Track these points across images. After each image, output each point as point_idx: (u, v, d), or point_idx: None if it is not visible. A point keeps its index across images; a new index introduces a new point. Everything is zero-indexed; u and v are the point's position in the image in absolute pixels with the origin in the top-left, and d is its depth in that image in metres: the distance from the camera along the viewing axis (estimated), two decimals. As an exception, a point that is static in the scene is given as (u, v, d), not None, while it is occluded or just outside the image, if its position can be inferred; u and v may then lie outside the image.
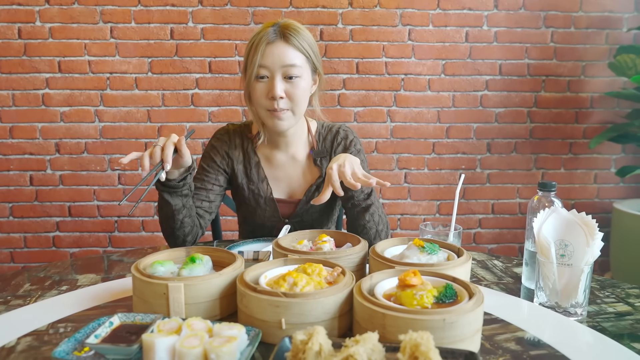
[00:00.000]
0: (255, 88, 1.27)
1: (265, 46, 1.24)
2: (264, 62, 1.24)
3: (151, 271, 0.87)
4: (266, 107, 1.28)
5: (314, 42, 1.32)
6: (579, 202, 2.80)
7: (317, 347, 0.61)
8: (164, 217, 1.26)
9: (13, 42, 2.49)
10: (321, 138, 1.44)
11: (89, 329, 0.74)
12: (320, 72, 1.36)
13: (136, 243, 2.69)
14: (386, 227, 1.32)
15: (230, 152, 1.42)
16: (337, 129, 1.44)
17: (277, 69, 1.24)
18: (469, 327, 0.71)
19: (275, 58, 1.24)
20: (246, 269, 0.85)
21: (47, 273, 1.13)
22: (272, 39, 1.24)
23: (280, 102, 1.26)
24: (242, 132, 1.44)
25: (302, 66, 1.27)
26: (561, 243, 0.91)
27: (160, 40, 2.54)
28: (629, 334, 0.83)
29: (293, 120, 1.32)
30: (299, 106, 1.29)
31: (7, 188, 2.60)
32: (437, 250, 0.96)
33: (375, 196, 1.29)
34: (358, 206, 1.27)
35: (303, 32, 1.29)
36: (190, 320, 0.72)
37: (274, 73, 1.25)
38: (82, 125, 2.58)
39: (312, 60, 1.31)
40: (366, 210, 1.26)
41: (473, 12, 2.62)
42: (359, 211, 1.27)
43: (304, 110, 1.33)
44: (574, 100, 2.72)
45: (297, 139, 1.41)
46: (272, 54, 1.24)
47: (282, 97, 1.26)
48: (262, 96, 1.27)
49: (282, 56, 1.24)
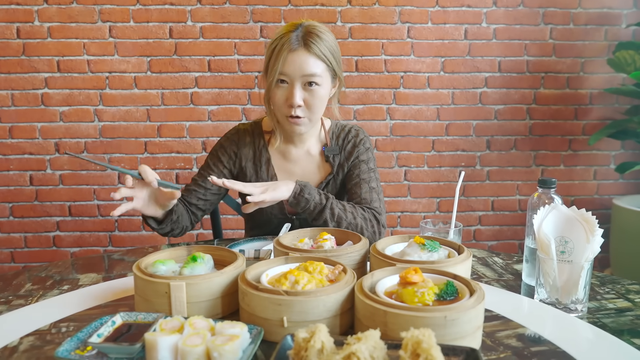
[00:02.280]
0: (276, 93, 1.29)
1: (287, 54, 1.24)
2: (284, 69, 1.25)
3: (153, 270, 0.87)
4: (284, 113, 1.30)
5: (336, 46, 1.32)
6: (578, 198, 2.80)
7: (319, 345, 0.62)
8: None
9: (12, 42, 2.48)
10: (334, 136, 1.46)
11: (91, 328, 0.74)
12: (340, 77, 1.37)
13: (136, 242, 2.69)
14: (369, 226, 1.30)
15: (240, 151, 1.43)
16: (349, 128, 1.47)
17: (297, 77, 1.25)
18: (470, 324, 0.71)
19: (296, 66, 1.25)
20: (248, 268, 0.85)
21: (48, 273, 1.13)
22: (294, 47, 1.24)
23: (297, 110, 1.28)
24: (252, 130, 1.46)
25: (322, 75, 1.28)
26: (561, 240, 0.92)
27: (159, 39, 2.54)
28: (629, 330, 0.83)
29: (309, 126, 1.35)
30: (315, 114, 1.31)
31: (7, 188, 2.60)
32: (437, 248, 0.96)
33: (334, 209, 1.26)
34: (315, 224, 1.27)
35: (325, 36, 1.29)
36: (192, 319, 0.72)
37: (294, 81, 1.26)
38: (82, 124, 2.58)
39: (333, 67, 1.31)
40: (325, 225, 1.26)
41: (472, 9, 2.62)
42: (320, 226, 1.26)
43: (320, 116, 1.36)
44: (573, 96, 2.72)
45: (312, 135, 1.44)
46: (293, 62, 1.24)
47: (300, 105, 1.27)
48: (281, 101, 1.29)
49: (303, 65, 1.25)
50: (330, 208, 1.26)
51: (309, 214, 1.27)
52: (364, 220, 1.30)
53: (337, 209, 1.27)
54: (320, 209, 1.26)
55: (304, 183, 1.27)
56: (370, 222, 1.31)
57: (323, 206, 1.26)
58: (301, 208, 1.26)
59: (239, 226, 2.70)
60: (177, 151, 2.64)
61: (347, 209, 1.29)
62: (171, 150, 2.63)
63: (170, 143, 2.63)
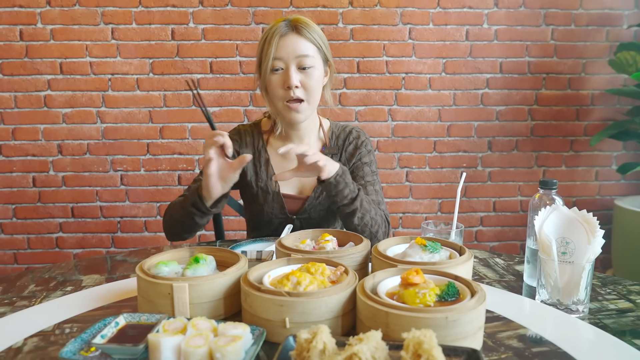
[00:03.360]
0: (271, 80, 1.32)
1: (279, 39, 1.29)
2: (278, 54, 1.29)
3: (156, 271, 0.88)
4: (283, 97, 1.32)
5: (323, 35, 1.37)
6: (580, 199, 2.80)
7: (321, 346, 0.62)
8: (179, 225, 1.32)
9: (15, 44, 2.49)
10: (334, 136, 1.46)
11: (95, 329, 0.74)
12: (331, 63, 1.40)
13: (139, 243, 2.69)
14: (383, 227, 1.31)
15: (241, 150, 1.45)
16: (350, 129, 1.48)
17: (291, 59, 1.29)
18: (471, 325, 0.71)
19: (289, 49, 1.29)
20: (250, 269, 0.86)
21: (52, 274, 1.14)
22: (284, 32, 1.30)
23: (296, 92, 1.30)
24: (252, 131, 1.48)
25: (314, 56, 1.32)
26: (562, 241, 0.92)
27: (161, 41, 2.55)
28: (631, 331, 0.84)
29: (309, 112, 1.36)
30: (313, 96, 1.33)
31: (10, 189, 2.61)
32: (439, 249, 0.97)
33: (362, 200, 1.25)
34: (342, 211, 1.26)
35: (313, 24, 1.34)
36: (195, 320, 0.72)
37: (289, 64, 1.29)
38: (84, 126, 2.59)
39: (324, 51, 1.36)
40: (352, 214, 1.25)
41: (473, 10, 2.62)
42: (345, 215, 1.26)
43: (318, 100, 1.37)
44: (574, 97, 2.73)
45: (310, 133, 1.45)
46: (285, 45, 1.29)
47: (298, 86, 1.30)
48: (278, 87, 1.31)
49: (296, 47, 1.29)
50: (361, 199, 1.25)
51: (340, 199, 1.24)
52: (381, 219, 1.31)
53: (365, 202, 1.26)
54: (353, 197, 1.24)
55: (344, 167, 1.25)
56: (384, 223, 1.33)
57: (356, 195, 1.24)
58: (336, 191, 1.22)
59: (241, 227, 2.70)
60: (179, 152, 2.64)
61: (372, 204, 1.30)
62: (173, 151, 2.64)
63: (172, 144, 2.64)
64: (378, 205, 1.36)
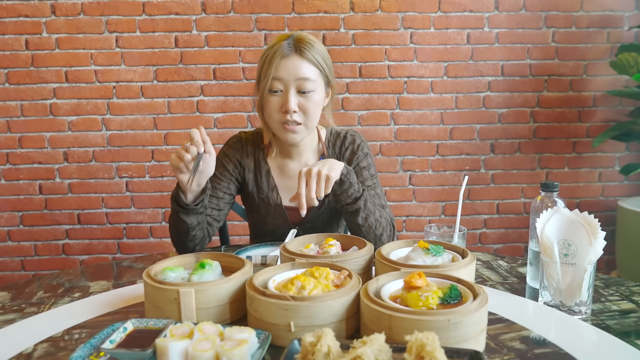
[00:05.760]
0: (269, 101, 1.28)
1: (280, 60, 1.24)
2: (278, 74, 1.24)
3: (162, 277, 0.89)
4: (279, 120, 1.28)
5: (327, 55, 1.32)
6: (583, 200, 2.79)
7: (326, 349, 0.63)
8: (177, 232, 1.27)
9: (20, 54, 2.52)
10: (330, 144, 1.44)
11: (103, 335, 0.75)
12: (333, 85, 1.36)
13: (145, 249, 2.71)
14: (388, 230, 1.29)
15: (243, 160, 1.42)
16: (344, 134, 1.44)
17: (291, 82, 1.25)
18: (473, 327, 0.72)
19: (289, 71, 1.24)
20: (255, 274, 0.87)
21: (59, 280, 1.15)
22: (286, 53, 1.25)
23: (293, 116, 1.26)
24: (254, 140, 1.44)
25: (315, 80, 1.27)
26: (564, 243, 0.92)
27: (165, 48, 2.57)
28: (634, 332, 0.84)
29: (305, 134, 1.32)
30: (311, 120, 1.29)
31: (17, 197, 2.63)
32: (441, 252, 0.98)
33: (367, 200, 1.25)
34: (346, 210, 1.26)
35: (316, 45, 1.29)
36: (201, 324, 0.73)
37: (288, 86, 1.25)
38: (90, 134, 2.61)
39: (326, 74, 1.31)
40: (356, 214, 1.24)
41: (474, 14, 2.63)
42: (348, 214, 1.26)
43: (316, 124, 1.33)
44: (576, 99, 2.73)
45: (308, 147, 1.42)
46: (286, 67, 1.24)
47: (296, 111, 1.26)
48: (275, 109, 1.28)
49: (297, 69, 1.25)
50: (365, 199, 1.24)
51: (345, 198, 1.23)
52: (386, 222, 1.29)
53: (369, 202, 1.25)
54: (357, 197, 1.23)
55: (349, 167, 1.24)
56: (389, 226, 1.31)
57: (360, 194, 1.23)
58: (341, 190, 1.22)
59: (245, 232, 2.71)
60: (183, 159, 2.66)
61: (377, 206, 1.28)
62: (177, 157, 2.65)
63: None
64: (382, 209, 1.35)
